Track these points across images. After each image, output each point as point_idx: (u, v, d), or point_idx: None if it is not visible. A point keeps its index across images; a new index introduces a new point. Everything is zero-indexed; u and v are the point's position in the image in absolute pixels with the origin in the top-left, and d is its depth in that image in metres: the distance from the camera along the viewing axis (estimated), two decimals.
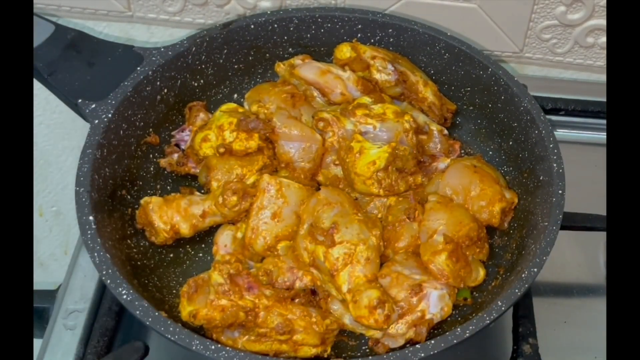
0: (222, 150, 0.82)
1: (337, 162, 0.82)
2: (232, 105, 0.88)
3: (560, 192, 0.75)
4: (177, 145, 0.88)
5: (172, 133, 0.88)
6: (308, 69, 0.88)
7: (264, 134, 0.83)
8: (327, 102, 0.87)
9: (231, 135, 0.83)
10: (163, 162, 0.86)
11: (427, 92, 0.88)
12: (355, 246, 0.74)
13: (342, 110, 0.83)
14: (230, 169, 0.82)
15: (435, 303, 0.73)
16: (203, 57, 0.88)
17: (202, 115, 0.87)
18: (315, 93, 0.88)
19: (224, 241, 0.80)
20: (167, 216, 0.79)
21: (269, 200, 0.78)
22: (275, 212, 0.77)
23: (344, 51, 0.89)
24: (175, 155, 0.86)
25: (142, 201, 0.80)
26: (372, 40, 0.92)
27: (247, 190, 0.79)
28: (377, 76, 0.88)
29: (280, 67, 0.90)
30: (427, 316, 0.73)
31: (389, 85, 0.88)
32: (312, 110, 0.85)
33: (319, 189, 0.80)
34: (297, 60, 0.90)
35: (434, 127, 0.86)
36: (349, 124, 0.81)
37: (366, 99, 0.84)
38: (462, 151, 0.89)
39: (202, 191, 0.84)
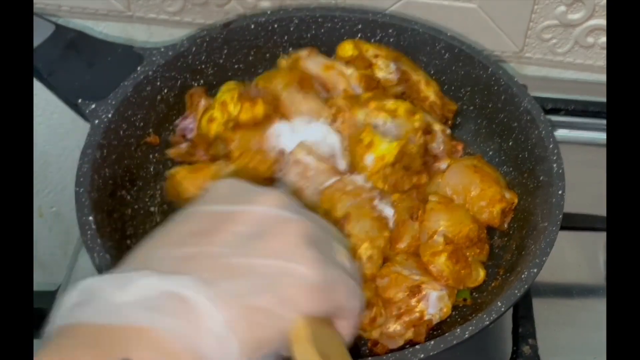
0: (231, 124, 0.80)
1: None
2: (232, 84, 0.87)
3: (560, 192, 0.75)
4: (183, 135, 0.87)
5: (175, 122, 0.87)
6: (313, 62, 0.87)
7: (268, 99, 0.81)
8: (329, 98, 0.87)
9: (235, 108, 0.80)
10: (173, 152, 0.85)
11: (429, 92, 0.88)
12: (362, 242, 0.74)
13: (356, 99, 0.82)
14: (246, 139, 0.80)
15: (434, 304, 0.73)
16: (203, 57, 0.88)
17: (203, 101, 0.86)
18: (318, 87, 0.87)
19: None
20: (198, 183, 0.78)
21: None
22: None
23: (347, 49, 0.88)
24: (184, 145, 0.85)
25: (169, 173, 0.80)
26: (373, 40, 0.92)
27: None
28: (380, 75, 0.87)
29: (284, 62, 0.90)
30: (426, 317, 0.73)
31: (391, 84, 0.88)
32: (318, 98, 0.84)
33: None
34: (303, 53, 0.89)
35: (438, 127, 0.86)
36: (361, 114, 0.80)
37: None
38: (462, 151, 0.88)
39: None
